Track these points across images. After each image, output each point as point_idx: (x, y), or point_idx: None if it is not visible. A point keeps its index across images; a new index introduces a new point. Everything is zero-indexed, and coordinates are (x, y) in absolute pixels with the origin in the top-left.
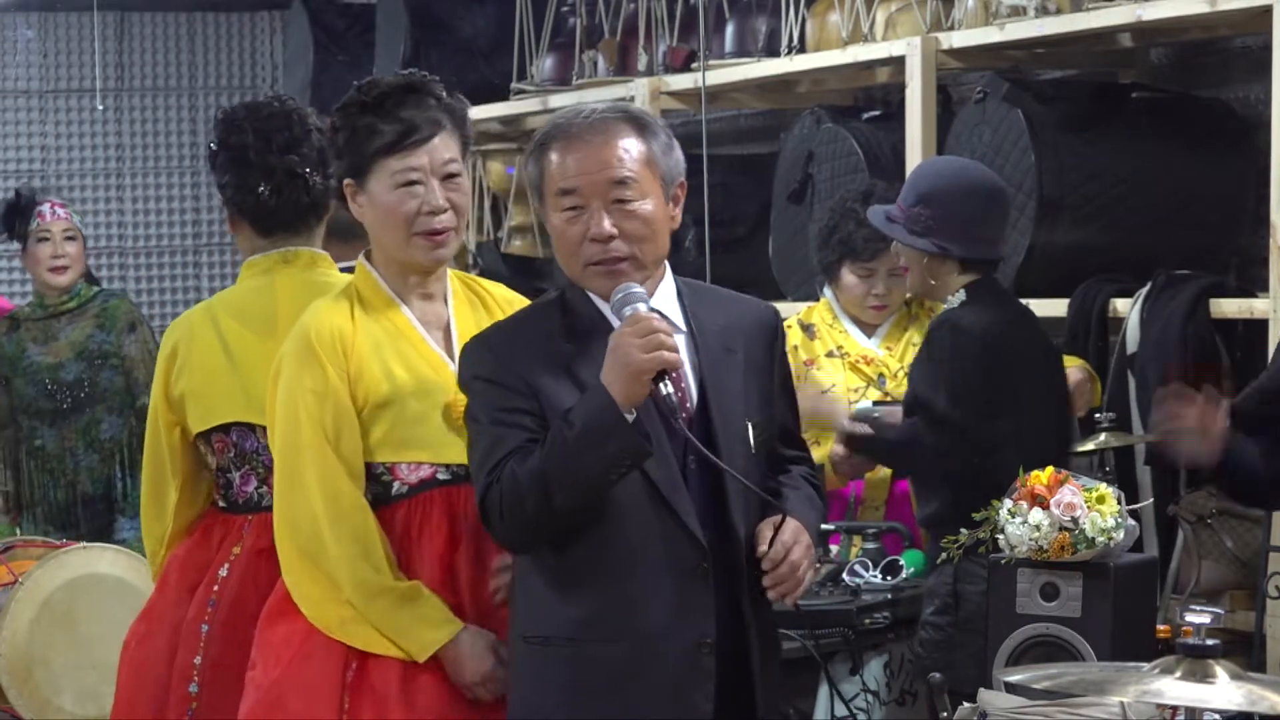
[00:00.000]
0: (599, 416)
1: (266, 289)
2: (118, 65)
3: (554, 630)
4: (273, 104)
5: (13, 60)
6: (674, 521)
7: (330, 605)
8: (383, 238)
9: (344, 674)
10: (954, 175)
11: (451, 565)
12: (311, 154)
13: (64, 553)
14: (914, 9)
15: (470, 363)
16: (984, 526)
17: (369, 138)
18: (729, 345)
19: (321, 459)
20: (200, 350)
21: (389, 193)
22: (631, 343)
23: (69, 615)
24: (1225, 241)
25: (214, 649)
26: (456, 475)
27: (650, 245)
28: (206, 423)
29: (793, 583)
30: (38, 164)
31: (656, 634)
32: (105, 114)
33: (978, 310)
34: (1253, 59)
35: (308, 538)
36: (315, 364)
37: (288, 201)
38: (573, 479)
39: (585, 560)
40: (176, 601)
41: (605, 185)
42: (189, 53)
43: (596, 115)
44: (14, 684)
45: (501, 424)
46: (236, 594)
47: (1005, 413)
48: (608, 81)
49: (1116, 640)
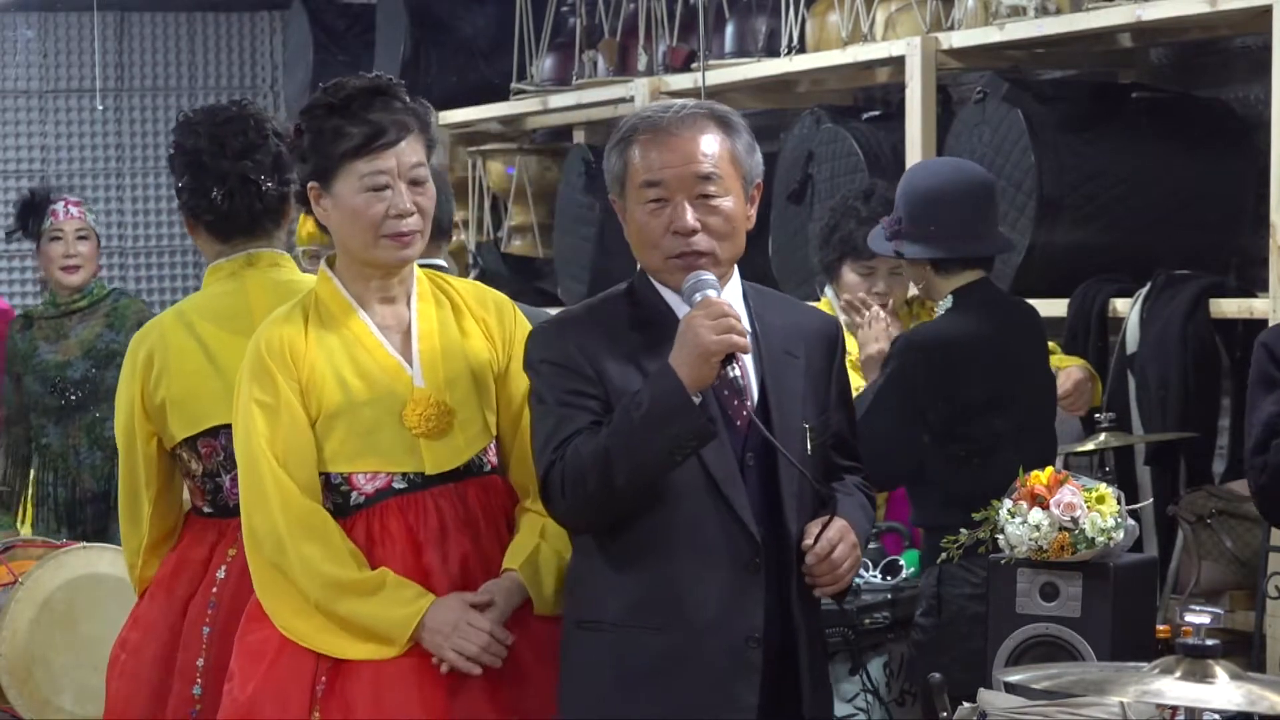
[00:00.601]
0: (666, 397)
1: (238, 290)
2: (118, 65)
3: (606, 615)
4: (230, 108)
5: (13, 60)
6: (730, 515)
7: (299, 617)
8: (348, 240)
9: (314, 685)
10: (924, 178)
11: (418, 570)
12: (267, 160)
13: (64, 553)
14: (914, 9)
15: (538, 346)
16: (984, 526)
17: (335, 140)
18: (791, 349)
19: (275, 470)
20: (179, 356)
21: (356, 195)
22: (703, 324)
23: (69, 615)
24: (1225, 241)
25: (216, 650)
26: (413, 483)
27: (729, 243)
28: (193, 428)
29: (831, 578)
30: (38, 164)
31: (707, 625)
32: (105, 114)
33: (950, 320)
34: (1253, 59)
35: (271, 548)
36: (266, 376)
37: (241, 207)
38: (637, 459)
39: (640, 547)
40: (167, 608)
41: (691, 180)
42: (189, 53)
43: (686, 111)
44: (14, 684)
45: (568, 405)
46: (236, 594)
47: (972, 419)
48: (608, 81)
49: (1116, 640)
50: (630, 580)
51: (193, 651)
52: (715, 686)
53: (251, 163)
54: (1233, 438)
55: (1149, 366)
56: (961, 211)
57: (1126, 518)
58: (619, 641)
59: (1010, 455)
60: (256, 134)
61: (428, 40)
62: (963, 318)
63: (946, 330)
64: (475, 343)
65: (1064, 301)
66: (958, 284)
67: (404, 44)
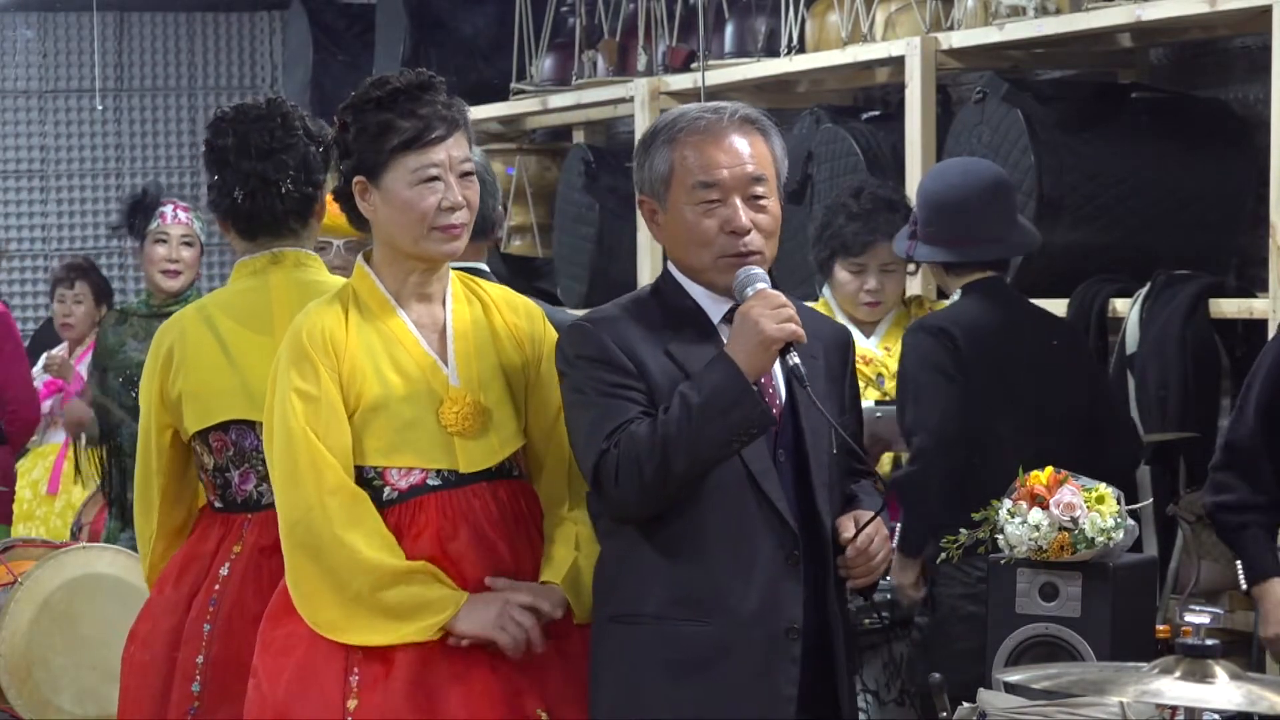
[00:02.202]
0: (726, 384)
1: (260, 288)
2: (118, 65)
3: (644, 609)
4: (260, 107)
5: (13, 60)
6: (769, 508)
7: (328, 608)
8: (398, 233)
9: (346, 676)
10: (936, 182)
11: (450, 564)
12: (292, 160)
13: (63, 553)
14: (914, 9)
15: (573, 343)
16: (983, 527)
17: (385, 134)
18: (812, 351)
19: (316, 455)
20: (196, 350)
21: (407, 189)
22: (764, 313)
23: (68, 615)
24: (1225, 241)
25: (216, 648)
26: (447, 481)
27: (774, 241)
28: (205, 421)
29: (865, 570)
30: (38, 164)
31: (748, 617)
32: (105, 114)
33: (960, 309)
34: (1252, 59)
35: (305, 532)
36: (307, 364)
37: (262, 207)
38: (696, 446)
39: (678, 541)
40: (175, 603)
41: (746, 181)
42: (189, 53)
43: (737, 114)
44: (14, 684)
45: (613, 396)
46: (238, 593)
47: (981, 410)
48: (608, 81)
49: (1116, 640)
50: (670, 574)
51: (193, 648)
52: (756, 678)
53: (274, 163)
54: None
55: (1149, 366)
56: (970, 215)
57: (1126, 518)
58: (659, 634)
59: (1010, 454)
60: (284, 133)
61: (428, 40)
62: (968, 306)
63: (951, 315)
64: (507, 346)
65: (1064, 301)
66: (967, 281)
67: (404, 44)
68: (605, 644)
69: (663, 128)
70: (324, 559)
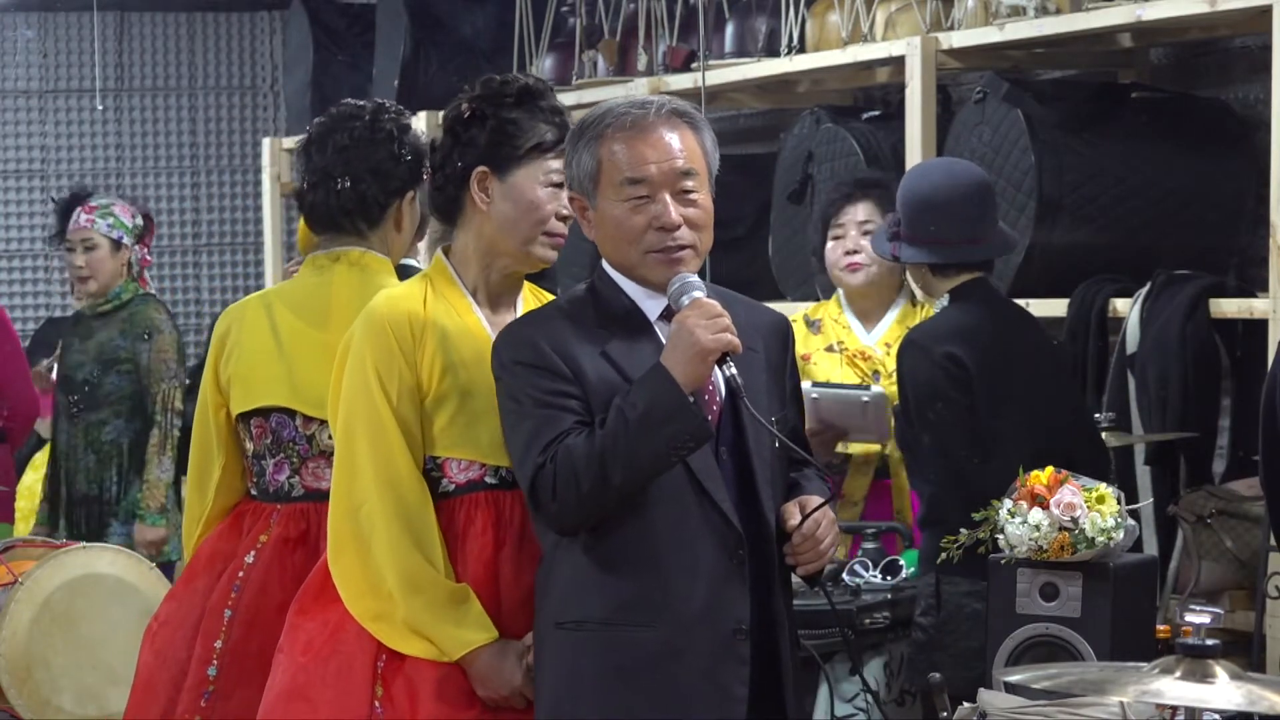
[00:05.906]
0: (663, 398)
1: (324, 285)
2: (118, 65)
3: (589, 615)
4: (358, 106)
5: (13, 60)
6: (712, 508)
7: (368, 597)
8: (509, 230)
9: (376, 661)
10: (919, 181)
11: (494, 566)
12: (365, 162)
13: (64, 553)
14: (914, 9)
15: (508, 347)
16: (983, 526)
17: (527, 132)
18: (750, 344)
19: (382, 441)
20: (250, 334)
21: (537, 190)
22: (699, 323)
23: (69, 615)
24: (1225, 241)
25: (235, 634)
26: (504, 480)
27: (706, 235)
28: (248, 404)
29: (813, 555)
30: (38, 164)
31: (694, 618)
32: (105, 114)
33: (957, 319)
34: (1252, 59)
35: (362, 519)
36: (385, 344)
37: (318, 201)
38: (633, 460)
39: (623, 545)
40: (203, 589)
41: (675, 176)
42: (189, 53)
43: (665, 108)
44: (14, 684)
45: (549, 406)
46: (262, 582)
47: (980, 413)
48: (608, 81)
49: (1116, 640)
50: (614, 578)
51: (212, 634)
52: (706, 680)
53: (341, 160)
54: (1233, 438)
55: (1149, 366)
56: (958, 215)
57: (1126, 518)
58: (605, 640)
59: (1010, 454)
60: (366, 134)
61: (428, 40)
62: (956, 312)
63: (951, 328)
64: None
65: (1064, 301)
66: (954, 284)
67: (404, 44)
68: (549, 652)
69: (590, 124)
70: (372, 547)
